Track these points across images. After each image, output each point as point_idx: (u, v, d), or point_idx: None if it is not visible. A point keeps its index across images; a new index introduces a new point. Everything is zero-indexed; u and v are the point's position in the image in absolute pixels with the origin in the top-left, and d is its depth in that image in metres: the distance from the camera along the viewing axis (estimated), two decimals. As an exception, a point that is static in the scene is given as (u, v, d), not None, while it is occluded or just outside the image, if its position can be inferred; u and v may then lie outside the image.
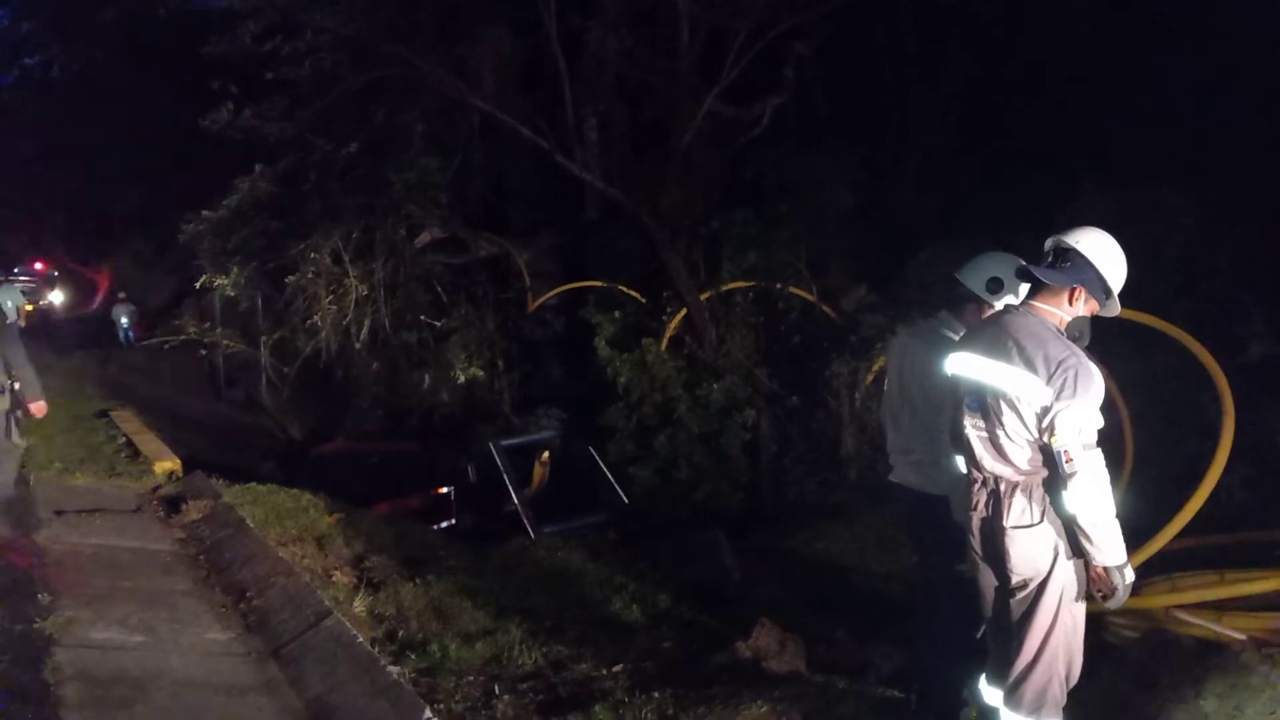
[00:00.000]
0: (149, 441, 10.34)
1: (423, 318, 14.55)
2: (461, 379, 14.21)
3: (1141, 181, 9.94)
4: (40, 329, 15.80)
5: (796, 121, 14.38)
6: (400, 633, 5.34)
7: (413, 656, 4.98)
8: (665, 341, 12.25)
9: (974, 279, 4.07)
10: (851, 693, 4.76)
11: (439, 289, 14.86)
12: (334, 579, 6.08)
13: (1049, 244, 3.53)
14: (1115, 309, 3.50)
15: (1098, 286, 3.42)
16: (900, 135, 14.36)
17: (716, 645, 5.50)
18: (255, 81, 12.57)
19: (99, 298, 31.55)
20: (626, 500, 11.38)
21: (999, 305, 3.97)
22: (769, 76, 13.50)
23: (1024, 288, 3.98)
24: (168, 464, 9.27)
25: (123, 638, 5.00)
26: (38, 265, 33.26)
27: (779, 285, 12.20)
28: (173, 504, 7.87)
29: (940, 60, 14.02)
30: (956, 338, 4.02)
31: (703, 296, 12.25)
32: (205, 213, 13.33)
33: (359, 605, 5.58)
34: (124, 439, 10.52)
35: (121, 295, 25.53)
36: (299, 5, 11.71)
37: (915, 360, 4.23)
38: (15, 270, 30.16)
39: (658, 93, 14.12)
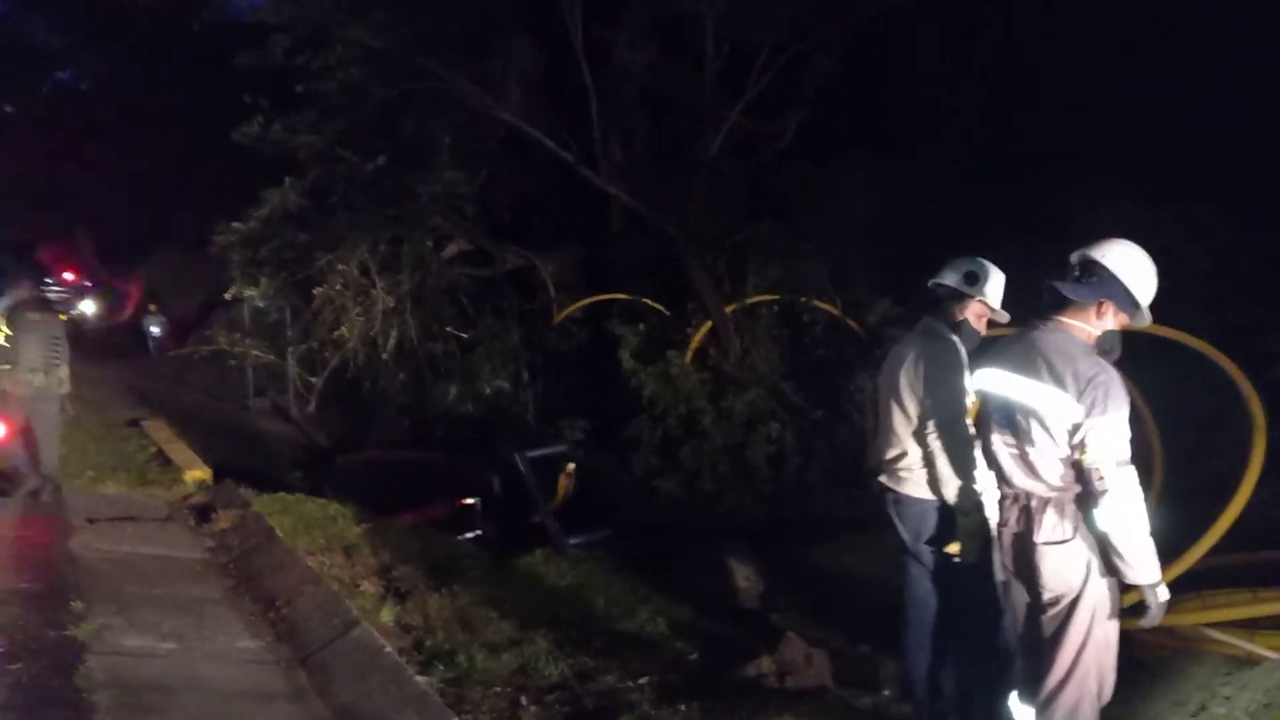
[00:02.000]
0: (179, 450, 10.43)
1: (449, 329, 14.62)
2: (487, 390, 14.25)
3: (1168, 194, 9.87)
4: (73, 339, 15.94)
5: (821, 134, 14.37)
6: (427, 642, 5.36)
7: (440, 666, 5.00)
8: (690, 354, 12.25)
9: (950, 276, 4.25)
10: (876, 708, 4.75)
11: (465, 301, 14.93)
12: (361, 588, 6.11)
13: (1074, 258, 3.51)
14: (1146, 320, 3.48)
15: (1125, 300, 3.40)
16: (924, 148, 14.32)
17: (742, 658, 5.50)
18: (285, 94, 12.69)
19: (130, 308, 31.89)
20: (649, 511, 11.36)
21: (978, 296, 4.18)
22: (794, 89, 13.51)
23: (1000, 280, 4.12)
24: (198, 473, 9.35)
25: (153, 645, 5.03)
26: (69, 276, 33.65)
27: (803, 298, 12.18)
28: (203, 513, 7.94)
29: (964, 73, 13.99)
30: (944, 336, 4.17)
31: (727, 309, 12.25)
32: (235, 224, 13.44)
33: (386, 615, 5.61)
34: (155, 448, 10.61)
35: (153, 307, 25.77)
36: (331, 19, 11.82)
37: (896, 366, 4.31)
38: (48, 281, 30.52)
39: (682, 105, 14.15)
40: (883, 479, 4.36)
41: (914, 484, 4.21)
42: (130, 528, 7.34)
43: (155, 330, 24.35)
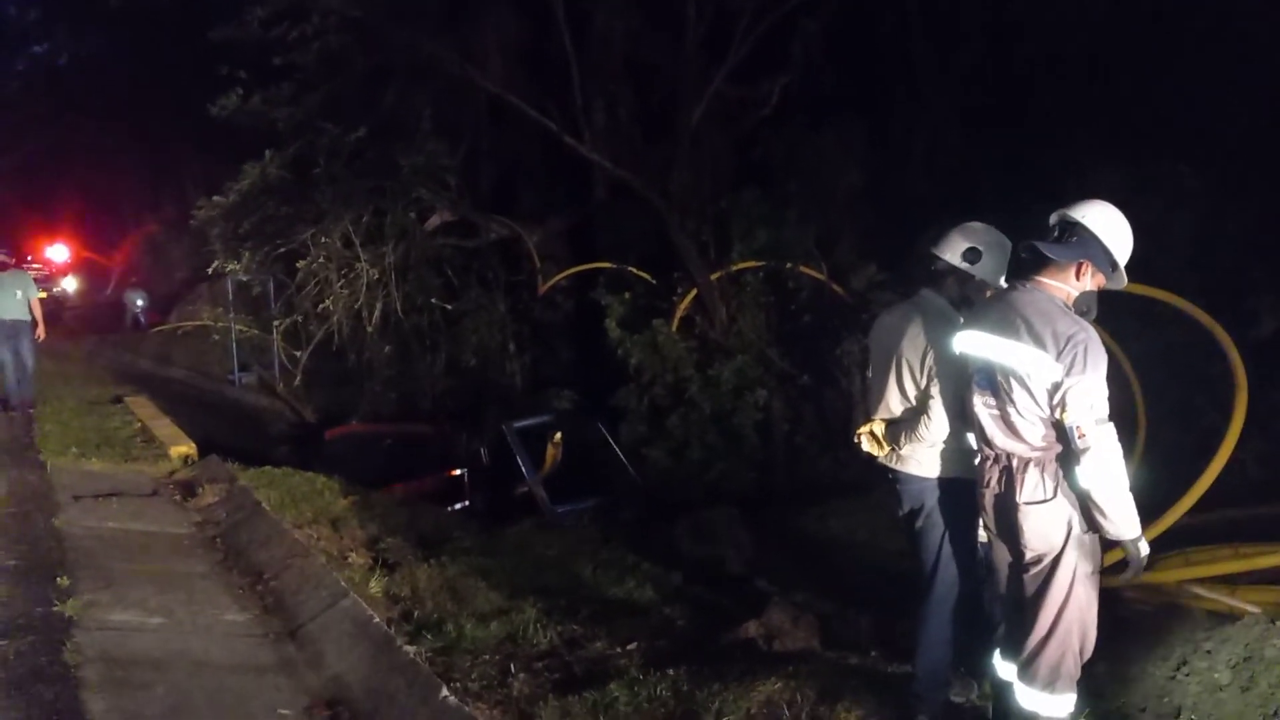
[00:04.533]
0: (164, 426, 10.39)
1: (434, 301, 14.58)
2: (473, 361, 14.24)
3: (1153, 156, 9.87)
4: (54, 317, 15.93)
5: (805, 100, 14.30)
6: (416, 613, 5.36)
7: (429, 636, 5.00)
8: (676, 322, 12.25)
9: (950, 251, 4.03)
10: (864, 669, 4.78)
11: (450, 272, 14.89)
12: (349, 560, 6.10)
13: (1054, 218, 3.52)
14: (1122, 282, 3.49)
15: (1104, 260, 3.41)
16: (910, 113, 14.27)
17: (730, 623, 5.52)
18: (263, 66, 12.56)
19: (112, 284, 31.74)
20: (638, 478, 11.40)
21: (979, 274, 3.98)
22: (777, 55, 13.43)
23: (1004, 255, 4.00)
24: (183, 448, 9.32)
25: (141, 620, 5.03)
26: (54, 253, 33.46)
27: (789, 264, 12.16)
28: (189, 488, 7.91)
29: (951, 38, 13.91)
30: (939, 310, 4.05)
31: (713, 277, 12.24)
32: (216, 198, 13.34)
33: (375, 586, 5.61)
34: (139, 424, 10.56)
35: (134, 280, 25.62)
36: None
37: (893, 341, 4.15)
38: (29, 258, 30.35)
39: (665, 73, 14.06)
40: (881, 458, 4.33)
41: (914, 462, 4.16)
42: (116, 504, 7.30)
43: (139, 303, 24.16)
